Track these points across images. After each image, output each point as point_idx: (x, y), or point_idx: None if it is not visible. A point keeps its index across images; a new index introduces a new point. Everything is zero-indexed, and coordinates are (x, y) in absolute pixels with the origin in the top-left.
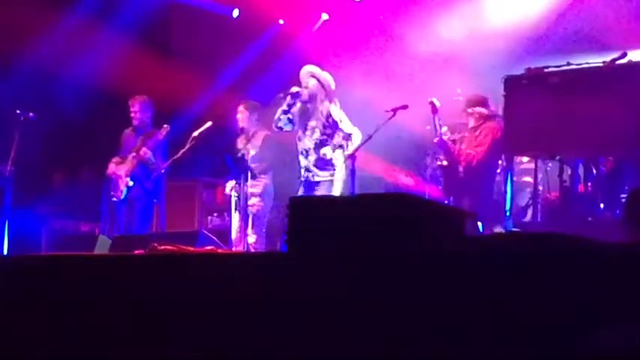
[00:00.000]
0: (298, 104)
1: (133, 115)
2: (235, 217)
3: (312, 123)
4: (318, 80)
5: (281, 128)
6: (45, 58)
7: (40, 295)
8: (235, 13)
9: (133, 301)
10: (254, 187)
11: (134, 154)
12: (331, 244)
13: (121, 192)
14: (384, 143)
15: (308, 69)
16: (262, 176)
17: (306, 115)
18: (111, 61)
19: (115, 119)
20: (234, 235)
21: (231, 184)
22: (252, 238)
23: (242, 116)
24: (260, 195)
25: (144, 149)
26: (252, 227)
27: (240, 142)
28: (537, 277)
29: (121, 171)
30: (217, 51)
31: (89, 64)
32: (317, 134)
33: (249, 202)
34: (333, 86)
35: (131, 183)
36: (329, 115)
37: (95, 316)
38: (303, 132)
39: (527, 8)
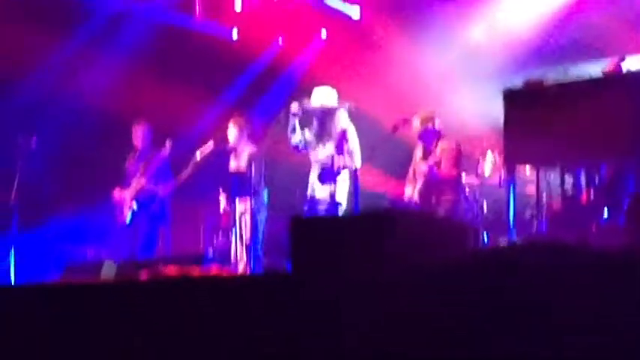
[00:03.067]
0: (315, 124)
1: (136, 138)
2: (232, 238)
3: (323, 142)
4: (322, 103)
5: (295, 147)
6: (46, 82)
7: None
8: (234, 35)
9: (140, 326)
10: (244, 204)
11: (138, 177)
12: (335, 264)
13: (125, 217)
14: (387, 158)
15: (316, 93)
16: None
17: (319, 135)
18: (111, 85)
19: (118, 143)
20: (232, 256)
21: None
22: (241, 264)
23: (231, 133)
24: (250, 212)
25: (143, 181)
26: (245, 248)
27: (231, 161)
28: (543, 286)
29: (125, 195)
30: (217, 72)
31: (89, 87)
32: (325, 152)
33: (242, 221)
34: (334, 97)
35: (136, 207)
36: (341, 131)
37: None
38: (315, 147)
39: (524, 19)
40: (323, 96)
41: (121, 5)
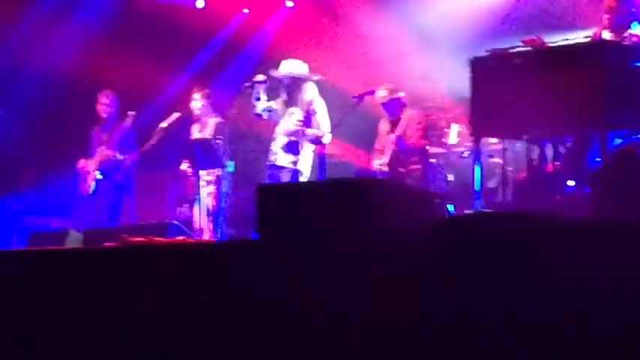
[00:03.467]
0: (283, 96)
1: (102, 107)
2: (196, 208)
3: (290, 109)
4: (292, 73)
5: (259, 115)
6: (9, 53)
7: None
8: (200, 3)
9: (106, 294)
10: (209, 174)
11: (103, 147)
12: (301, 232)
13: (89, 186)
14: (353, 129)
15: (284, 64)
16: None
17: (287, 104)
18: (76, 55)
19: (82, 114)
20: (196, 225)
21: (184, 165)
22: (206, 223)
23: (195, 104)
24: (212, 182)
25: (106, 152)
26: (208, 216)
27: (195, 130)
28: (508, 255)
29: (89, 166)
30: (183, 42)
31: (54, 58)
32: (292, 122)
33: (206, 191)
34: (305, 70)
35: (100, 177)
36: (310, 103)
37: (68, 310)
38: (279, 118)
39: None
40: (293, 66)
41: None
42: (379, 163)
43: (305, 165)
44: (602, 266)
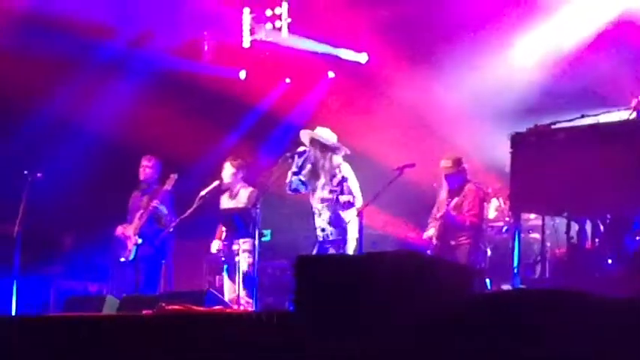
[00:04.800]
0: (308, 166)
1: (143, 170)
2: (225, 278)
3: (321, 180)
4: (316, 140)
5: (295, 190)
6: (52, 118)
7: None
8: (242, 74)
9: None
10: (245, 243)
11: (142, 211)
12: (339, 304)
13: (130, 252)
14: (392, 200)
15: (304, 133)
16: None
17: (316, 175)
18: (119, 121)
19: (122, 179)
20: (226, 296)
21: (216, 243)
22: (243, 293)
23: (226, 173)
24: (250, 252)
25: (154, 202)
26: (243, 284)
27: (225, 200)
28: (544, 333)
29: (129, 231)
30: (226, 111)
31: (96, 122)
32: (326, 192)
33: (242, 259)
34: (334, 138)
35: (140, 241)
36: (338, 171)
37: None
38: (314, 191)
39: (533, 61)
40: (323, 133)
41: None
42: (429, 234)
43: (352, 233)
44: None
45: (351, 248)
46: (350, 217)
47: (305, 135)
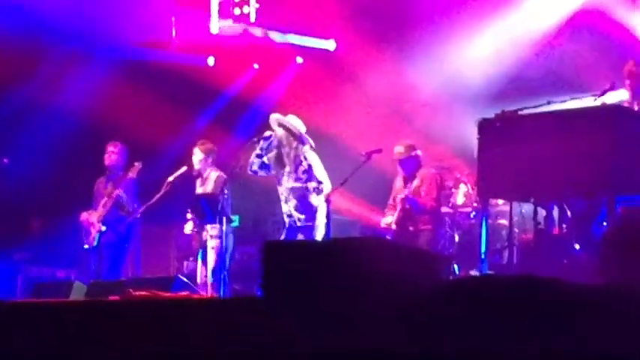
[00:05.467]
0: (274, 151)
1: (107, 156)
2: (199, 262)
3: (287, 169)
4: (284, 126)
5: (255, 172)
6: (19, 103)
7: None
8: (211, 61)
9: (108, 348)
10: (213, 229)
11: (106, 198)
12: (306, 289)
13: (93, 238)
14: (359, 186)
15: (273, 117)
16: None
17: (281, 162)
18: (84, 106)
19: (90, 165)
20: (198, 280)
21: (190, 225)
22: (211, 280)
23: (196, 158)
24: (218, 237)
25: (117, 190)
26: (212, 270)
27: (197, 184)
28: (511, 319)
29: (93, 218)
30: (194, 97)
31: (62, 108)
32: (292, 180)
33: (210, 245)
34: (302, 129)
35: (103, 228)
36: (304, 159)
37: None
38: (280, 178)
39: (502, 49)
40: (292, 121)
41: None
42: (387, 221)
43: (320, 219)
44: (605, 331)
45: (319, 234)
46: (318, 202)
47: (274, 119)
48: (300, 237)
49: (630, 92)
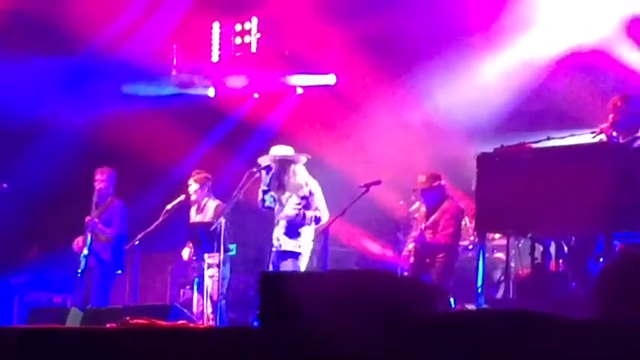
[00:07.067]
0: (275, 182)
1: (95, 184)
2: (195, 291)
3: (285, 195)
4: (276, 160)
5: (270, 207)
6: (18, 129)
7: None
8: (211, 92)
9: None
10: (211, 257)
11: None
12: (303, 321)
13: (80, 263)
14: (357, 217)
15: (262, 159)
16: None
17: (282, 187)
18: (85, 134)
19: (88, 191)
20: (195, 309)
21: (187, 251)
22: (209, 309)
23: (191, 189)
24: (216, 266)
25: (87, 217)
26: (210, 299)
27: (193, 214)
28: (505, 354)
29: (81, 243)
30: (194, 125)
31: (63, 135)
32: (290, 205)
33: (207, 273)
34: (290, 152)
35: (85, 252)
36: (305, 185)
37: None
38: (280, 204)
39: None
40: (278, 150)
41: None
42: (408, 249)
43: (305, 248)
44: None
45: (303, 262)
46: (309, 231)
47: (264, 159)
48: (285, 263)
49: (613, 126)
